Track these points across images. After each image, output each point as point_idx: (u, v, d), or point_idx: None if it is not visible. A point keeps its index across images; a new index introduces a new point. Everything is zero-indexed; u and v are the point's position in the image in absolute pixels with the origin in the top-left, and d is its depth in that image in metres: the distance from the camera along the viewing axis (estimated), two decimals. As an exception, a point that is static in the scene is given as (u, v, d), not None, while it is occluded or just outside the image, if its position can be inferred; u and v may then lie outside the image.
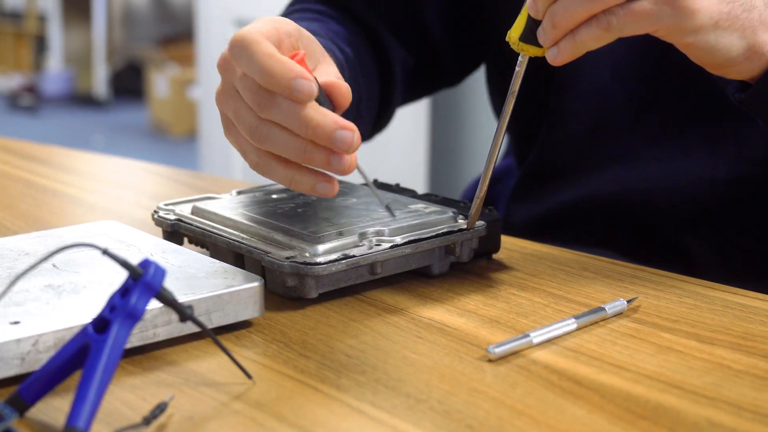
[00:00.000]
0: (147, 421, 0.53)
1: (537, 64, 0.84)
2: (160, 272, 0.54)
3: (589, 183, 0.97)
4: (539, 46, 0.71)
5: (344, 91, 0.68)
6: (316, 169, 0.68)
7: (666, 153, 0.95)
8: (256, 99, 0.66)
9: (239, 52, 0.66)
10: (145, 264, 0.53)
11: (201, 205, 0.80)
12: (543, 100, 0.99)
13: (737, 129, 0.92)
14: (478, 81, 1.13)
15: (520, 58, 0.72)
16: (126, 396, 0.56)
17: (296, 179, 0.68)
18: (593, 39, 0.69)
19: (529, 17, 0.70)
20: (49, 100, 7.09)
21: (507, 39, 0.72)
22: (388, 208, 0.72)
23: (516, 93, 0.73)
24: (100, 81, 7.18)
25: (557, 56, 0.70)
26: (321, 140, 0.65)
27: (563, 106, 0.98)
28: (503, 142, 1.06)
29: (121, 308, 0.52)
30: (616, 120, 0.96)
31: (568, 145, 0.99)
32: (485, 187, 0.75)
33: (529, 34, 0.71)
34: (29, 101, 6.92)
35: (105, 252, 0.53)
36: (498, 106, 1.10)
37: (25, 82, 7.20)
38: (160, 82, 6.15)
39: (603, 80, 0.95)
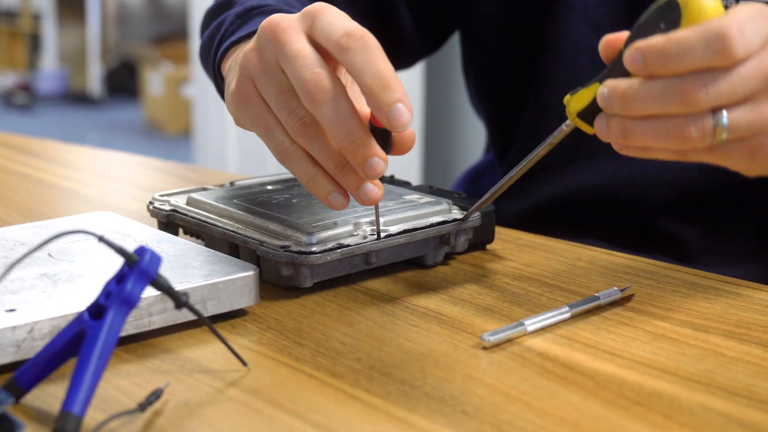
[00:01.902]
0: (142, 407, 0.53)
1: (516, 57, 0.82)
2: (156, 259, 0.54)
3: (576, 176, 0.97)
4: None
5: (409, 141, 0.66)
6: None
7: None
8: (311, 92, 0.62)
9: (358, 46, 0.61)
10: (141, 251, 0.53)
11: (196, 195, 0.80)
12: (524, 93, 0.99)
13: None
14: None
15: (568, 121, 0.67)
16: (121, 383, 0.56)
17: (317, 180, 0.66)
18: (664, 157, 0.66)
19: (595, 100, 0.64)
20: (44, 98, 7.08)
21: (564, 103, 0.67)
22: (378, 233, 0.72)
23: (554, 145, 0.69)
24: (94, 79, 7.17)
25: (619, 150, 0.66)
26: (355, 159, 0.63)
27: (543, 100, 0.98)
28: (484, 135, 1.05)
29: (117, 295, 0.52)
30: None
31: None
32: (493, 198, 0.75)
33: (589, 116, 0.65)
34: (24, 99, 6.92)
35: (101, 239, 0.53)
36: (471, 82, 1.08)
37: (20, 81, 7.19)
38: (154, 81, 6.15)
39: (582, 73, 0.95)
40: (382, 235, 0.72)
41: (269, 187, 0.83)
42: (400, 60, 1.09)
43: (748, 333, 0.64)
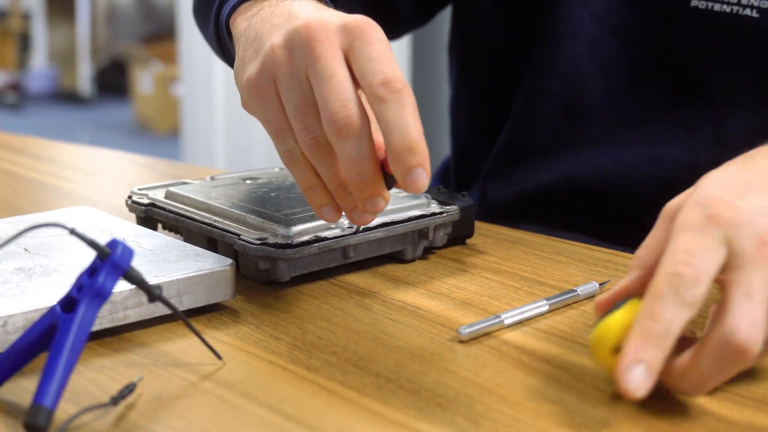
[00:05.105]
0: (115, 400, 0.52)
1: (510, 38, 0.80)
2: (128, 252, 0.53)
3: (566, 165, 0.97)
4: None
5: (418, 191, 0.62)
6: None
7: (644, 137, 0.95)
8: (337, 125, 0.60)
9: (393, 99, 0.59)
10: (113, 244, 0.53)
11: (175, 189, 0.79)
12: (517, 77, 0.99)
13: (715, 114, 0.92)
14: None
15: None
16: (95, 376, 0.56)
17: (315, 191, 0.65)
18: None
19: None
20: (34, 97, 7.07)
21: (592, 343, 0.55)
22: (357, 228, 0.72)
23: None
24: (84, 78, 7.16)
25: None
26: (359, 195, 0.62)
27: (538, 84, 0.97)
28: (467, 127, 1.04)
29: (89, 288, 0.52)
30: (592, 102, 0.96)
31: (543, 125, 0.98)
32: None
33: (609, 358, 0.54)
34: (13, 99, 6.90)
35: (72, 231, 0.52)
36: (456, 60, 1.08)
37: (10, 80, 7.17)
38: (144, 80, 6.14)
39: (579, 60, 0.95)
40: (361, 228, 0.72)
41: (248, 182, 0.83)
42: (391, 31, 1.08)
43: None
